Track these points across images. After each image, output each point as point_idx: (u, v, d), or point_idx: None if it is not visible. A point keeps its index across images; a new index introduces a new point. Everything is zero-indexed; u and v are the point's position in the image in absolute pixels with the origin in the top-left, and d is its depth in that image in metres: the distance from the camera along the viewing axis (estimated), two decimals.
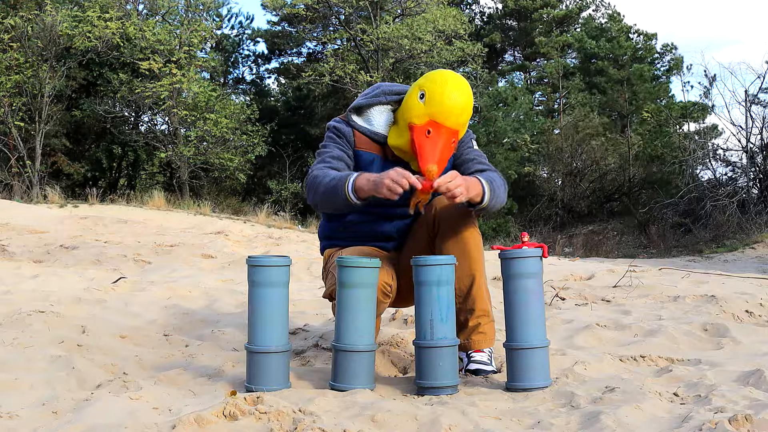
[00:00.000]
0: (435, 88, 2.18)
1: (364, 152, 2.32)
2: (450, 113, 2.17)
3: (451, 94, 2.17)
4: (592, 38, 23.15)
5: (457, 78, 2.23)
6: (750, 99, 17.84)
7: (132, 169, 19.55)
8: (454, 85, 2.18)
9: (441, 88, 2.17)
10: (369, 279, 2.05)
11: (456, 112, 2.17)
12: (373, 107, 2.35)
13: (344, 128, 2.34)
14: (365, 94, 2.39)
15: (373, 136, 2.32)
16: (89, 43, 15.56)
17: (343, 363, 2.04)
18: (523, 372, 2.04)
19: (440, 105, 2.16)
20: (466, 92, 2.21)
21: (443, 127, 2.16)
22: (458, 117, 2.18)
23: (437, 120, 2.16)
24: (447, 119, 2.17)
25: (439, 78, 2.21)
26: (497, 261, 2.15)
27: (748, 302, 3.52)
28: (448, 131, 2.18)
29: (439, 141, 2.16)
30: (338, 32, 21.75)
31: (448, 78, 2.21)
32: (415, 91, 2.22)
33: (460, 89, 2.19)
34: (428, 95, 2.18)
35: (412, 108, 2.21)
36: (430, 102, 2.17)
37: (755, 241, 13.01)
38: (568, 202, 20.58)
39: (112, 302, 3.52)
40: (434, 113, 2.16)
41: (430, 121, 2.17)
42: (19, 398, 1.90)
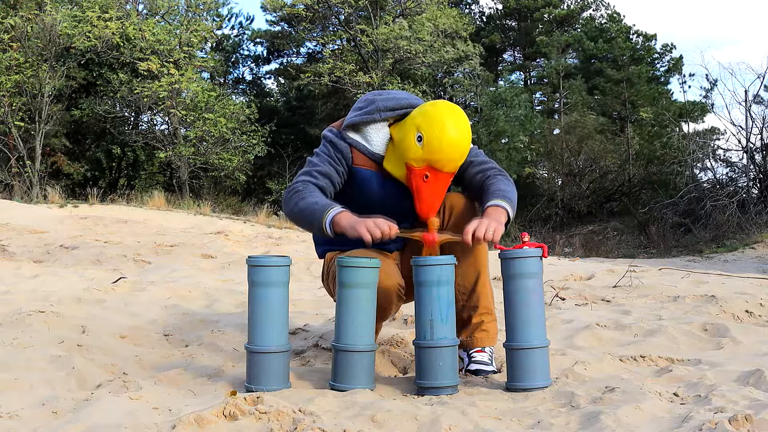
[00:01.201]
0: (433, 132, 2.11)
1: (362, 169, 2.27)
2: (449, 159, 2.13)
3: (449, 140, 2.11)
4: (592, 39, 23.16)
5: (456, 117, 2.15)
6: (750, 99, 17.85)
7: (132, 169, 19.55)
8: (453, 128, 2.12)
9: (439, 133, 2.10)
10: (369, 279, 2.05)
11: (455, 157, 2.14)
12: (369, 125, 2.27)
13: (341, 144, 2.27)
14: (359, 110, 2.30)
15: (371, 156, 2.27)
16: (89, 43, 15.55)
17: (343, 363, 2.04)
18: (523, 372, 2.04)
19: (439, 153, 2.11)
20: (465, 133, 2.14)
21: (441, 173, 2.14)
22: (457, 161, 2.16)
23: (436, 167, 2.13)
24: (445, 166, 2.14)
25: (437, 121, 2.12)
26: (497, 261, 2.15)
27: (748, 302, 3.52)
28: (447, 175, 2.16)
29: (436, 186, 2.15)
30: (338, 32, 21.75)
31: (446, 120, 2.13)
32: (412, 130, 2.15)
33: (459, 130, 2.13)
34: (426, 140, 2.11)
35: (408, 149, 2.15)
36: (428, 148, 2.11)
37: (755, 241, 13.01)
38: (568, 202, 20.59)
39: (112, 302, 3.52)
40: (433, 161, 2.12)
41: (427, 167, 2.13)
42: (19, 398, 1.90)
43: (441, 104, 2.20)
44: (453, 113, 2.16)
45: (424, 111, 2.18)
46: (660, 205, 17.61)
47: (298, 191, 2.20)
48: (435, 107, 2.18)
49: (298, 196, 2.19)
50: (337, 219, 2.11)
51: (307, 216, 2.16)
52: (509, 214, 2.17)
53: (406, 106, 2.26)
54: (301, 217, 2.18)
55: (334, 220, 2.11)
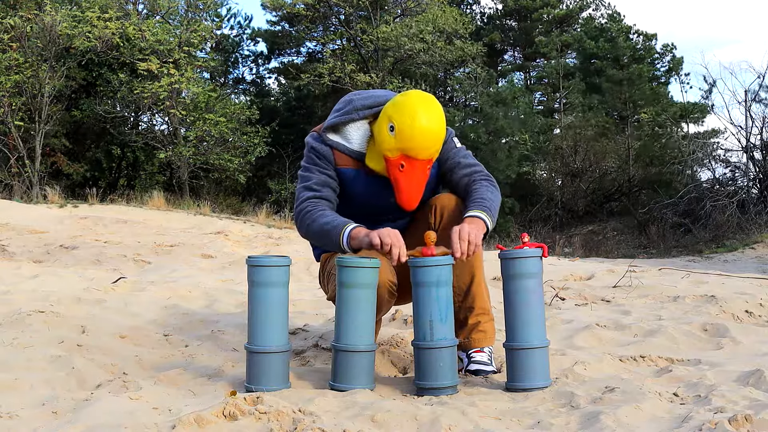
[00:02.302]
0: (404, 121, 2.12)
1: (345, 169, 2.28)
2: (421, 147, 2.13)
3: (421, 127, 2.11)
4: (592, 38, 23.15)
5: (427, 105, 2.16)
6: (750, 99, 17.85)
7: (132, 169, 19.55)
8: (423, 116, 2.12)
9: (410, 121, 2.11)
10: (369, 279, 2.05)
11: (428, 144, 2.13)
12: (348, 125, 2.29)
13: (322, 148, 2.29)
14: (338, 111, 2.32)
15: (352, 153, 2.28)
16: (89, 44, 15.54)
17: (343, 363, 2.04)
18: (523, 372, 2.04)
19: (411, 140, 2.11)
20: (436, 120, 2.14)
21: (416, 160, 2.14)
22: (430, 148, 2.15)
23: (409, 155, 2.13)
24: (419, 153, 2.13)
25: (408, 109, 2.13)
26: (497, 261, 2.15)
27: (748, 302, 3.52)
28: (422, 163, 2.15)
29: (413, 174, 2.15)
30: (338, 32, 21.75)
31: (417, 108, 2.13)
32: (385, 121, 2.16)
33: (430, 118, 2.13)
34: (398, 129, 2.12)
35: (383, 141, 2.17)
36: (400, 136, 2.12)
37: (755, 241, 13.01)
38: (568, 202, 20.58)
39: (112, 302, 3.51)
40: (406, 149, 2.12)
41: (402, 156, 2.14)
42: (19, 398, 1.90)
43: (412, 93, 2.21)
44: (424, 101, 2.17)
45: (396, 101, 2.19)
46: (660, 206, 17.61)
47: (308, 212, 2.23)
48: (406, 96, 2.20)
49: (309, 218, 2.22)
50: (353, 235, 2.14)
51: (323, 238, 2.20)
52: (488, 225, 2.18)
53: (383, 102, 2.27)
54: (317, 238, 2.24)
55: (351, 236, 2.14)
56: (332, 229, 2.16)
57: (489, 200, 2.22)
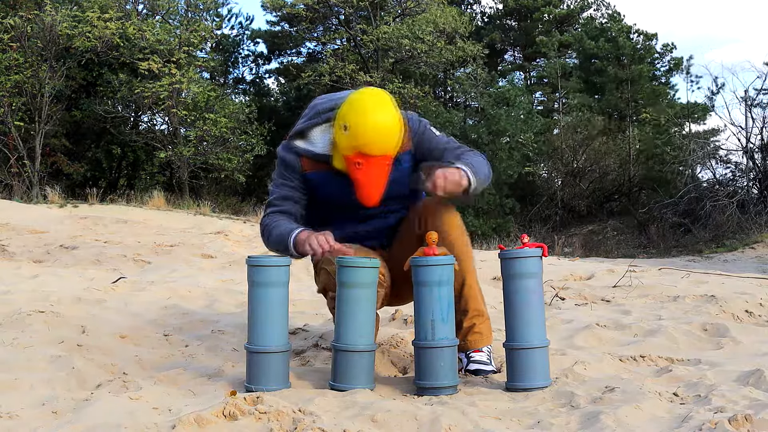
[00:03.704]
0: (356, 119, 2.12)
1: (314, 173, 2.30)
2: (374, 143, 2.12)
3: (371, 124, 2.11)
4: (592, 38, 23.14)
5: (377, 101, 2.17)
6: (750, 99, 17.85)
7: (132, 169, 19.54)
8: (373, 112, 2.13)
9: (361, 119, 2.12)
10: (368, 279, 2.05)
11: (380, 140, 2.13)
12: (312, 129, 2.30)
13: (289, 157, 2.33)
14: (303, 116, 2.36)
15: (318, 157, 2.28)
16: (89, 43, 15.54)
17: (343, 363, 2.04)
18: (523, 372, 2.04)
19: (363, 137, 2.11)
20: (387, 115, 2.14)
21: (371, 157, 2.13)
22: (384, 143, 2.14)
23: (363, 152, 2.13)
24: (372, 149, 2.13)
25: (359, 106, 2.15)
26: (497, 261, 2.15)
27: (748, 302, 3.52)
28: (378, 159, 2.14)
29: (370, 171, 2.14)
30: (338, 32, 21.75)
31: (367, 105, 2.14)
32: (339, 121, 2.18)
33: (380, 114, 2.13)
34: (350, 127, 2.13)
35: (339, 141, 2.18)
36: (353, 134, 2.12)
37: (755, 241, 13.02)
38: (568, 201, 20.58)
39: (112, 302, 3.51)
40: (359, 146, 2.13)
41: (357, 153, 2.14)
42: (19, 398, 1.90)
43: (364, 91, 2.23)
44: (374, 97, 2.18)
45: (348, 100, 2.21)
46: (660, 205, 17.61)
47: (266, 225, 2.31)
48: (357, 95, 2.22)
49: (267, 232, 2.30)
50: (296, 242, 2.19)
51: (280, 249, 2.25)
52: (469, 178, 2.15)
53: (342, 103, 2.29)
54: (276, 250, 2.28)
55: (296, 243, 2.19)
56: (282, 240, 2.22)
57: (474, 163, 2.21)
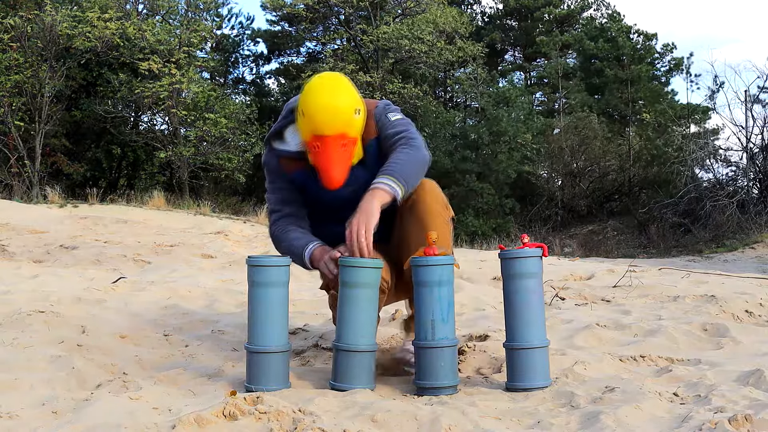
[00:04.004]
0: (306, 100, 2.15)
1: (295, 173, 2.31)
2: (323, 122, 2.12)
3: (318, 102, 2.13)
4: (592, 38, 23.15)
5: (325, 81, 2.19)
6: (751, 99, 17.85)
7: (132, 169, 19.54)
8: (321, 92, 2.15)
9: (310, 100, 2.14)
10: (371, 279, 2.05)
11: (328, 118, 2.12)
12: (286, 129, 2.32)
13: (270, 160, 2.35)
14: (279, 117, 2.37)
15: (294, 155, 2.30)
16: (89, 43, 15.54)
17: (344, 363, 2.03)
18: (523, 372, 2.04)
19: (313, 117, 2.13)
20: (334, 93, 2.15)
21: (325, 137, 2.13)
22: (333, 122, 2.13)
23: (317, 133, 2.14)
24: (324, 128, 2.13)
25: (309, 88, 2.18)
26: (497, 261, 2.15)
27: (748, 302, 3.52)
28: (332, 139, 2.14)
29: (327, 152, 2.14)
30: (338, 32, 21.75)
31: (315, 85, 2.18)
32: (298, 109, 2.20)
33: (328, 93, 2.15)
34: (303, 111, 2.15)
35: (299, 127, 2.20)
36: (306, 117, 2.14)
37: (755, 241, 13.02)
38: (568, 202, 20.59)
39: (112, 302, 3.52)
40: (312, 128, 2.14)
41: (313, 137, 2.15)
42: (19, 398, 1.90)
43: (318, 75, 2.26)
44: (325, 79, 2.21)
45: (304, 87, 2.23)
46: (660, 205, 17.62)
47: (276, 237, 2.35)
48: (312, 79, 2.25)
49: (278, 245, 2.34)
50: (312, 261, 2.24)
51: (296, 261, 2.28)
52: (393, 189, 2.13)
53: None
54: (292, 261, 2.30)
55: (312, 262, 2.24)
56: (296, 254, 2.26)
57: (399, 162, 2.18)
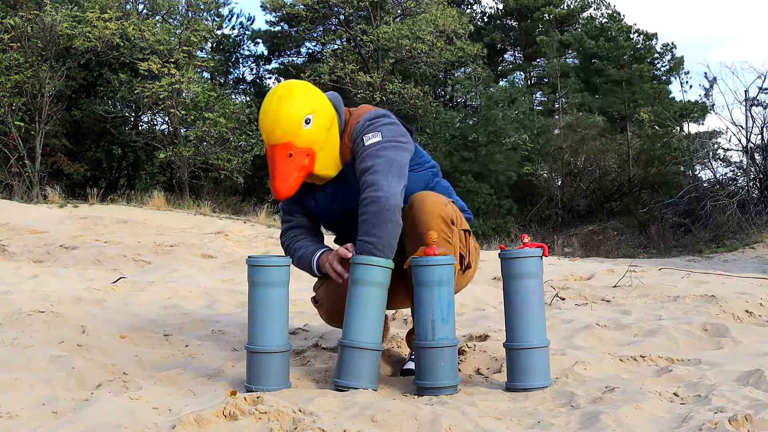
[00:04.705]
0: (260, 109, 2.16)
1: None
2: (265, 130, 2.12)
3: (263, 110, 2.13)
4: (592, 38, 23.15)
5: (277, 88, 2.17)
6: (750, 99, 17.85)
7: (132, 169, 19.54)
8: (268, 100, 2.14)
9: (261, 108, 2.15)
10: (380, 278, 2.05)
11: (269, 126, 2.11)
12: None
13: None
14: None
15: None
16: (89, 43, 15.54)
17: (349, 360, 2.02)
18: (523, 372, 2.04)
19: (261, 124, 2.13)
20: (278, 101, 2.12)
21: (270, 146, 2.13)
22: (274, 130, 2.10)
23: (265, 140, 2.14)
24: (268, 137, 2.12)
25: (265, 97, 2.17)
26: (497, 261, 2.15)
27: (748, 302, 3.52)
28: (277, 148, 2.11)
29: (273, 161, 2.13)
30: (338, 32, 21.75)
31: (268, 94, 2.17)
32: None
33: (273, 100, 2.12)
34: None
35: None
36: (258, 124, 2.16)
37: (755, 241, 13.02)
38: (568, 202, 20.59)
39: (112, 302, 3.52)
40: (262, 134, 2.15)
41: (267, 145, 2.15)
42: (19, 398, 1.89)
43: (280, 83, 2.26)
44: (277, 86, 2.20)
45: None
46: (660, 205, 17.62)
47: (287, 247, 2.35)
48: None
49: (289, 252, 2.34)
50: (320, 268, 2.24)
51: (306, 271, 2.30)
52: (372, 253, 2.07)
53: None
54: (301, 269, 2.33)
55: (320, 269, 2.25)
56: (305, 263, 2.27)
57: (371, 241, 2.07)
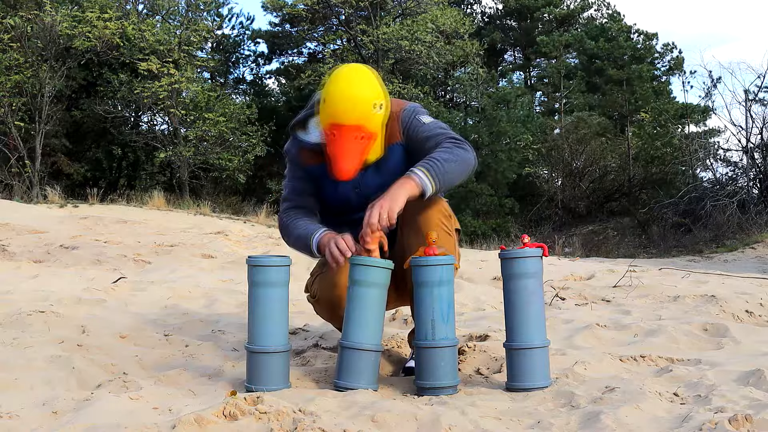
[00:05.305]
0: (328, 88, 2.15)
1: (312, 166, 2.30)
2: (342, 110, 2.12)
3: (339, 90, 2.13)
4: (593, 38, 23.15)
5: (350, 71, 2.18)
6: (750, 99, 17.85)
7: (132, 169, 19.54)
8: (343, 81, 2.15)
9: (332, 88, 2.14)
10: (381, 279, 2.05)
11: (347, 107, 2.12)
12: (310, 119, 2.31)
13: (291, 150, 2.35)
14: (305, 107, 2.37)
15: (314, 147, 2.29)
16: (89, 43, 15.55)
17: (349, 360, 2.03)
18: (523, 372, 2.04)
19: (332, 105, 2.13)
20: (356, 84, 2.15)
21: (342, 126, 2.12)
22: (351, 111, 2.12)
23: (335, 121, 2.13)
24: (341, 117, 2.12)
25: (332, 77, 2.17)
26: (497, 261, 2.15)
27: (748, 302, 3.53)
28: (348, 129, 2.12)
29: (341, 141, 2.13)
30: (338, 33, 21.75)
31: (339, 74, 2.17)
32: (321, 96, 2.19)
33: (350, 82, 2.14)
34: (324, 97, 2.15)
35: (319, 113, 2.19)
36: (325, 104, 2.14)
37: (755, 241, 13.00)
38: (568, 202, 20.58)
39: (112, 302, 3.52)
40: (330, 114, 2.13)
41: (331, 124, 2.14)
42: (19, 398, 1.89)
43: (342, 65, 2.25)
44: (348, 68, 2.21)
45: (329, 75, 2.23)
46: (660, 205, 17.60)
47: (285, 225, 2.32)
48: (335, 68, 2.24)
49: (286, 232, 2.31)
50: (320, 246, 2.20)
51: (302, 250, 2.27)
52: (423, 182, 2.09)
53: None
54: (297, 249, 2.30)
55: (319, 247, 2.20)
56: (303, 241, 2.24)
57: (439, 159, 2.12)
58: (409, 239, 2.21)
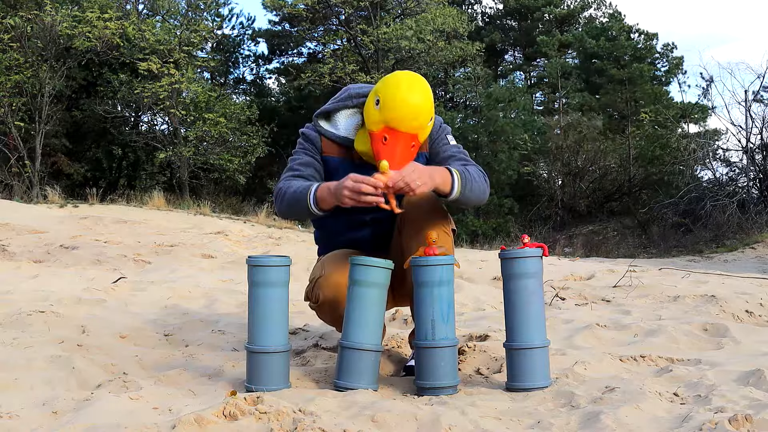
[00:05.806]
0: (388, 92, 2.14)
1: (330, 157, 2.30)
2: (403, 117, 2.12)
3: (403, 97, 2.12)
4: (593, 38, 23.15)
5: (412, 79, 2.18)
6: (750, 99, 17.85)
7: (132, 169, 19.55)
8: (407, 88, 2.14)
9: (394, 93, 2.13)
10: (381, 279, 2.05)
11: (409, 115, 2.12)
12: (339, 111, 2.32)
13: (312, 134, 2.34)
14: (334, 98, 2.36)
15: (339, 140, 2.29)
16: (89, 43, 15.55)
17: (349, 361, 2.03)
18: (523, 372, 2.04)
19: (393, 110, 2.12)
20: (420, 94, 2.15)
21: (399, 132, 2.13)
22: (412, 120, 2.13)
23: (391, 126, 2.12)
24: (401, 124, 2.12)
25: (393, 81, 2.17)
26: (497, 261, 2.15)
27: (748, 302, 3.53)
28: (405, 136, 2.14)
29: (395, 147, 2.13)
30: (338, 33, 21.75)
31: (402, 81, 2.16)
32: (372, 97, 2.18)
33: (414, 91, 2.14)
34: (382, 101, 2.14)
35: (369, 115, 2.18)
36: (384, 108, 2.12)
37: (755, 241, 13.00)
38: (568, 202, 20.58)
39: (112, 302, 3.52)
40: (388, 119, 2.12)
41: (385, 128, 2.13)
42: (19, 398, 1.90)
43: (399, 71, 2.25)
44: (410, 76, 2.20)
45: (384, 78, 2.23)
46: (660, 205, 17.60)
47: (281, 188, 2.25)
48: (393, 74, 2.24)
49: (282, 192, 2.24)
50: (319, 198, 2.14)
51: (294, 207, 2.20)
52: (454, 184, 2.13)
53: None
54: (290, 209, 2.22)
55: (318, 199, 2.14)
56: (299, 196, 2.17)
57: (469, 172, 2.19)
58: (409, 239, 2.21)
